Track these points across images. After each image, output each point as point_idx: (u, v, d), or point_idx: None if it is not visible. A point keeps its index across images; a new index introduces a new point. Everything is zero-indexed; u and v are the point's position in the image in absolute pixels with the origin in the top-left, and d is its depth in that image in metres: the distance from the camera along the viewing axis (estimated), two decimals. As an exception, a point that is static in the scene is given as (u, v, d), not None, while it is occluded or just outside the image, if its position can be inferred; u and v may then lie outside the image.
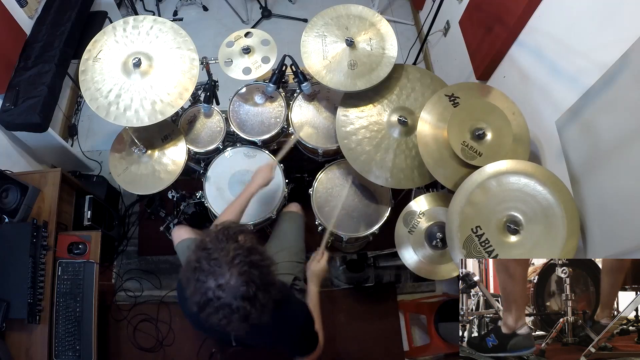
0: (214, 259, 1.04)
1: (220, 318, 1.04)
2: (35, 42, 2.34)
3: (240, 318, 1.04)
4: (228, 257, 1.03)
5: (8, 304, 1.68)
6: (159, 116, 1.70)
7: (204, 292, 1.03)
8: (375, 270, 2.51)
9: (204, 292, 1.03)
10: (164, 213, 2.42)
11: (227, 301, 1.02)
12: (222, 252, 1.04)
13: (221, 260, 1.03)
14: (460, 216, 1.42)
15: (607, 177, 1.26)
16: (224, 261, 1.03)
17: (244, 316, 1.04)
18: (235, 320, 1.04)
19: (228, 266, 1.02)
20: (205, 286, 1.03)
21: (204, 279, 1.03)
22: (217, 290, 1.01)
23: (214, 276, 1.02)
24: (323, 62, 1.76)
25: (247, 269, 1.03)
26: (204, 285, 1.03)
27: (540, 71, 1.72)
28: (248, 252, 1.06)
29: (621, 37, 1.21)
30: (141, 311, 2.39)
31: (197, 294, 1.04)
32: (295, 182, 2.30)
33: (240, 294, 1.01)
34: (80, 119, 2.98)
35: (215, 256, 1.04)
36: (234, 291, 1.01)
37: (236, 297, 1.01)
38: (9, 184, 1.87)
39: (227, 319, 1.04)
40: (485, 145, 1.55)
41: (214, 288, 1.02)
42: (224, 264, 1.03)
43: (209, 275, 1.03)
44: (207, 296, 1.03)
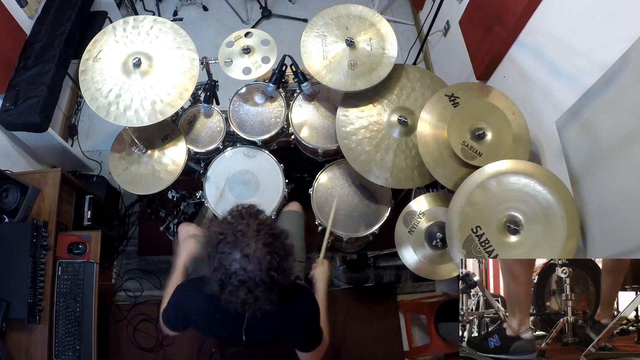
0: (240, 231, 1.06)
1: (246, 292, 1.05)
2: (35, 42, 2.34)
3: (265, 290, 1.06)
4: (253, 228, 1.07)
5: (8, 304, 1.68)
6: (159, 116, 1.70)
7: (228, 264, 1.04)
8: (375, 270, 2.51)
9: (228, 264, 1.04)
10: (164, 213, 2.42)
11: (253, 273, 1.04)
12: (246, 225, 1.08)
13: (246, 231, 1.06)
14: (460, 216, 1.42)
15: (607, 177, 1.26)
16: (249, 232, 1.06)
17: (269, 288, 1.06)
18: (259, 294, 1.06)
19: (254, 237, 1.05)
20: (230, 258, 1.04)
21: (229, 251, 1.05)
22: (243, 260, 1.04)
23: (239, 247, 1.05)
24: (323, 62, 1.76)
25: (272, 241, 1.07)
26: (229, 257, 1.05)
27: (540, 71, 1.72)
28: (270, 226, 1.10)
29: (621, 37, 1.21)
30: (141, 311, 2.39)
31: (220, 269, 1.06)
32: (295, 182, 2.30)
33: (266, 263, 1.04)
34: (80, 119, 2.98)
35: (241, 228, 1.07)
36: (260, 261, 1.04)
37: (262, 268, 1.04)
38: (9, 184, 1.87)
39: (251, 293, 1.05)
40: (485, 145, 1.55)
41: (240, 258, 1.04)
42: (250, 235, 1.05)
43: (235, 247, 1.05)
44: (231, 269, 1.04)
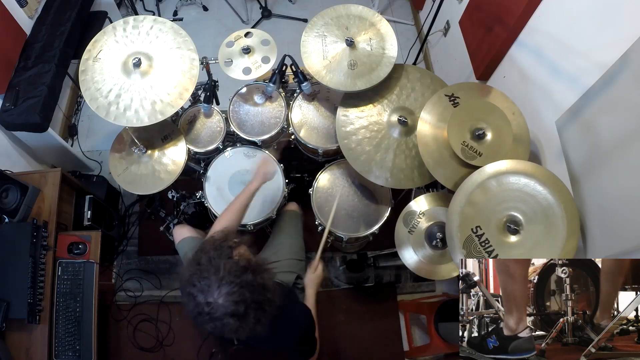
0: (204, 278, 1.06)
1: (214, 327, 1.06)
2: (35, 42, 2.34)
3: (231, 330, 1.06)
4: (218, 276, 1.05)
5: (8, 304, 1.68)
6: (159, 116, 1.70)
7: (195, 304, 1.06)
8: (375, 270, 2.51)
9: (195, 304, 1.06)
10: (164, 213, 2.42)
11: (217, 316, 1.04)
12: (212, 270, 1.06)
13: (211, 279, 1.05)
14: (460, 216, 1.42)
15: (607, 177, 1.26)
16: (213, 280, 1.05)
17: (234, 330, 1.06)
18: (228, 331, 1.06)
19: (217, 285, 1.04)
20: (196, 300, 1.06)
21: (195, 294, 1.06)
22: (206, 306, 1.04)
23: (203, 293, 1.05)
24: (323, 62, 1.76)
25: (237, 290, 1.05)
26: (195, 299, 1.06)
27: (540, 71, 1.72)
28: (241, 272, 1.07)
29: (621, 37, 1.21)
30: (141, 311, 2.39)
31: (190, 304, 1.07)
32: (295, 182, 2.30)
33: (229, 312, 1.04)
34: (80, 119, 2.98)
35: (205, 275, 1.06)
36: (222, 309, 1.04)
37: (225, 314, 1.04)
38: (9, 184, 1.87)
39: (219, 330, 1.06)
40: (485, 145, 1.55)
41: (203, 304, 1.05)
42: (213, 283, 1.05)
43: (199, 292, 1.06)
44: (198, 309, 1.06)
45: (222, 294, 1.04)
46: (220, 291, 1.04)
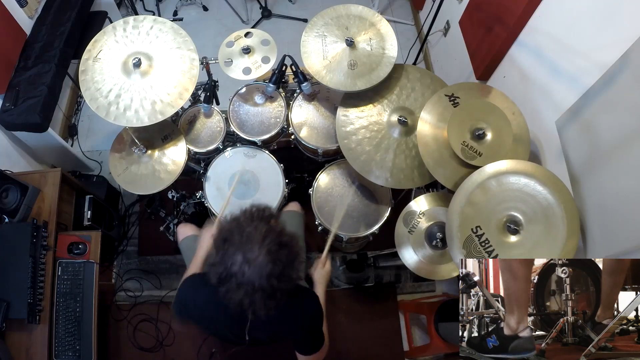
0: (247, 233, 1.05)
1: (242, 295, 1.04)
2: (35, 42, 2.34)
3: (262, 297, 1.04)
4: (261, 233, 1.05)
5: (8, 304, 1.68)
6: (159, 116, 1.70)
7: (230, 264, 1.03)
8: (375, 270, 2.51)
9: (230, 264, 1.03)
10: (164, 213, 2.42)
11: (251, 278, 1.02)
12: (254, 229, 1.06)
13: (252, 236, 1.04)
14: (460, 216, 1.42)
15: (607, 177, 1.26)
16: (255, 237, 1.04)
17: (268, 295, 1.04)
18: (256, 299, 1.04)
19: (259, 242, 1.03)
20: (232, 258, 1.03)
21: (232, 251, 1.04)
22: (244, 264, 1.02)
23: (243, 250, 1.03)
24: (323, 62, 1.76)
25: (277, 249, 1.04)
26: (231, 258, 1.03)
27: (540, 71, 1.72)
28: (280, 234, 1.08)
29: (621, 37, 1.21)
30: (141, 311, 2.39)
31: (221, 265, 1.05)
32: (295, 182, 2.30)
33: (267, 272, 1.02)
34: (80, 119, 2.98)
35: (248, 230, 1.05)
36: (260, 269, 1.02)
37: (262, 274, 1.02)
38: (9, 184, 1.87)
39: (248, 297, 1.04)
40: (485, 145, 1.55)
41: (241, 262, 1.02)
42: (255, 240, 1.04)
43: (239, 248, 1.04)
44: (231, 270, 1.03)
45: (262, 252, 1.02)
46: (262, 250, 1.02)
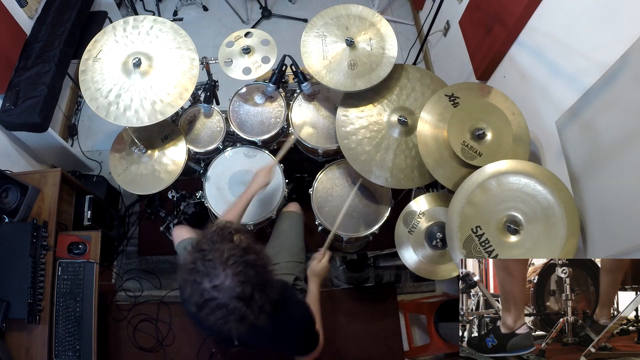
0: (209, 260, 1.04)
1: (218, 318, 1.04)
2: (35, 42, 2.34)
3: (237, 319, 1.04)
4: (222, 257, 1.04)
5: (8, 304, 1.68)
6: (159, 116, 1.70)
7: (200, 293, 1.03)
8: (375, 270, 2.51)
9: (200, 293, 1.03)
10: (164, 213, 2.42)
11: (223, 302, 1.02)
12: (216, 253, 1.05)
13: (216, 261, 1.04)
14: (460, 216, 1.42)
15: (607, 177, 1.26)
16: (218, 262, 1.03)
17: (241, 317, 1.04)
18: (232, 321, 1.04)
19: (223, 267, 1.03)
20: (201, 287, 1.03)
21: (199, 280, 1.03)
22: (213, 291, 1.02)
23: (209, 277, 1.03)
24: (323, 62, 1.76)
25: (242, 269, 1.03)
26: (200, 287, 1.03)
27: (540, 71, 1.72)
28: (243, 252, 1.06)
29: (621, 37, 1.21)
30: (141, 311, 2.39)
31: (195, 295, 1.05)
32: (295, 182, 2.30)
33: (236, 294, 1.02)
34: (80, 119, 2.98)
35: (210, 257, 1.04)
36: (230, 292, 1.02)
37: (232, 297, 1.02)
38: (9, 184, 1.87)
39: (224, 319, 1.04)
40: (485, 145, 1.55)
41: (210, 289, 1.02)
42: (219, 265, 1.03)
43: (204, 277, 1.03)
44: (203, 297, 1.03)
45: (228, 275, 1.02)
46: (227, 272, 1.02)
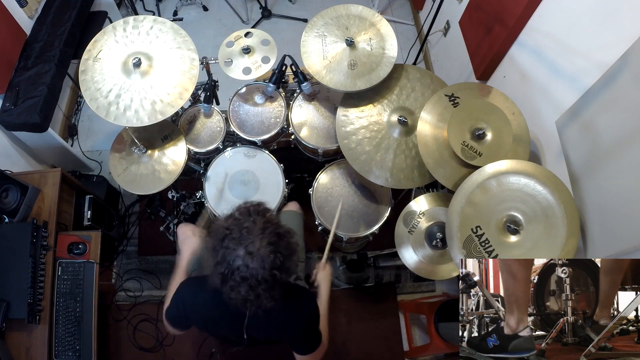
0: (245, 227, 1.07)
1: (247, 289, 1.05)
2: (35, 42, 2.34)
3: (266, 288, 1.06)
4: (258, 226, 1.07)
5: (8, 304, 1.68)
6: (159, 116, 1.70)
7: (232, 260, 1.05)
8: (375, 270, 2.51)
9: (232, 260, 1.05)
10: (164, 213, 2.42)
11: (255, 271, 1.04)
12: (252, 223, 1.08)
13: (252, 229, 1.07)
14: (460, 216, 1.42)
15: (607, 177, 1.26)
16: (254, 230, 1.06)
17: (271, 286, 1.06)
18: (261, 292, 1.06)
19: (259, 235, 1.05)
20: (234, 254, 1.05)
21: (233, 247, 1.06)
22: (247, 257, 1.04)
23: (244, 244, 1.05)
24: (323, 62, 1.76)
25: (277, 240, 1.07)
26: (233, 253, 1.05)
27: (540, 71, 1.72)
28: (277, 225, 1.11)
29: (621, 37, 1.21)
30: (141, 311, 2.39)
31: (224, 264, 1.06)
32: (295, 182, 2.30)
33: (270, 262, 1.04)
34: (80, 119, 2.98)
35: (247, 225, 1.07)
36: (263, 260, 1.04)
37: (265, 266, 1.04)
38: (9, 184, 1.87)
39: (253, 290, 1.06)
40: (485, 145, 1.55)
41: (243, 255, 1.04)
42: (255, 233, 1.06)
43: (239, 243, 1.05)
44: (234, 265, 1.05)
45: (263, 243, 1.04)
46: (262, 241, 1.05)
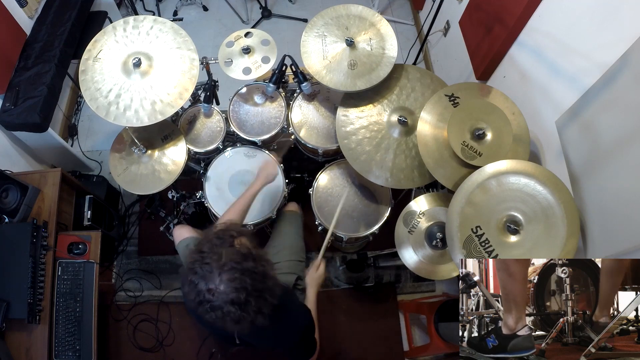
0: (206, 264, 1.07)
1: (215, 318, 1.07)
2: (35, 42, 2.34)
3: (232, 320, 1.06)
4: (220, 262, 1.06)
5: (8, 304, 1.68)
6: (159, 116, 1.70)
7: (196, 293, 1.06)
8: (375, 270, 2.51)
9: (196, 293, 1.06)
10: (164, 213, 2.42)
11: (218, 304, 1.05)
12: (215, 257, 1.07)
13: (212, 265, 1.06)
14: (460, 216, 1.42)
15: (607, 177, 1.26)
16: (215, 266, 1.06)
17: (236, 319, 1.06)
18: (228, 322, 1.07)
19: (219, 271, 1.05)
20: (197, 288, 1.06)
21: (196, 282, 1.06)
22: (207, 294, 1.05)
23: (205, 280, 1.05)
24: (323, 62, 1.76)
25: (238, 276, 1.05)
26: (196, 288, 1.06)
27: (540, 71, 1.72)
28: (242, 258, 1.08)
29: (621, 37, 1.21)
30: (141, 311, 2.39)
31: (192, 294, 1.08)
32: (295, 182, 2.30)
33: (230, 299, 1.04)
34: (80, 119, 2.98)
35: (207, 261, 1.07)
36: (224, 296, 1.04)
37: (225, 302, 1.04)
38: (9, 184, 1.87)
39: (220, 320, 1.07)
40: (485, 145, 1.55)
41: (204, 291, 1.05)
42: (215, 269, 1.05)
43: (201, 279, 1.06)
44: (199, 297, 1.06)
45: (223, 280, 1.04)
46: (222, 278, 1.04)
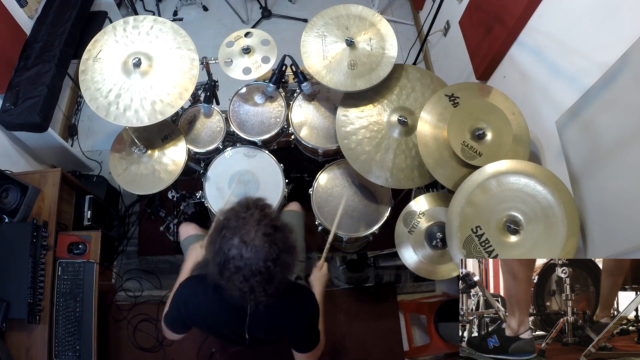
0: (242, 218, 1.09)
1: (241, 280, 1.06)
2: (35, 42, 2.34)
3: (260, 281, 1.07)
4: (255, 218, 1.09)
5: (8, 304, 1.68)
6: (159, 116, 1.70)
7: (227, 249, 1.07)
8: (375, 270, 2.51)
9: (227, 249, 1.07)
10: (164, 213, 2.42)
11: (249, 260, 1.05)
12: (249, 215, 1.10)
13: (248, 219, 1.08)
14: (460, 216, 1.42)
15: (607, 177, 1.26)
16: (250, 221, 1.08)
17: (265, 279, 1.07)
18: (255, 284, 1.07)
19: (255, 226, 1.07)
20: (229, 243, 1.07)
21: (229, 236, 1.07)
22: (241, 246, 1.05)
23: (239, 233, 1.07)
24: (323, 62, 1.76)
25: (272, 232, 1.08)
26: (229, 242, 1.07)
27: (540, 71, 1.72)
28: (274, 220, 1.12)
29: (621, 37, 1.21)
30: (141, 311, 2.39)
31: (220, 253, 1.08)
32: (295, 182, 2.30)
33: (264, 254, 1.05)
34: (80, 119, 2.98)
35: (243, 216, 1.09)
36: (258, 250, 1.05)
37: (259, 257, 1.05)
38: (9, 184, 1.87)
39: (247, 282, 1.07)
40: (485, 145, 1.55)
41: (238, 244, 1.05)
42: (251, 223, 1.08)
43: (235, 233, 1.07)
44: (229, 254, 1.06)
45: (258, 234, 1.06)
46: (257, 232, 1.06)
